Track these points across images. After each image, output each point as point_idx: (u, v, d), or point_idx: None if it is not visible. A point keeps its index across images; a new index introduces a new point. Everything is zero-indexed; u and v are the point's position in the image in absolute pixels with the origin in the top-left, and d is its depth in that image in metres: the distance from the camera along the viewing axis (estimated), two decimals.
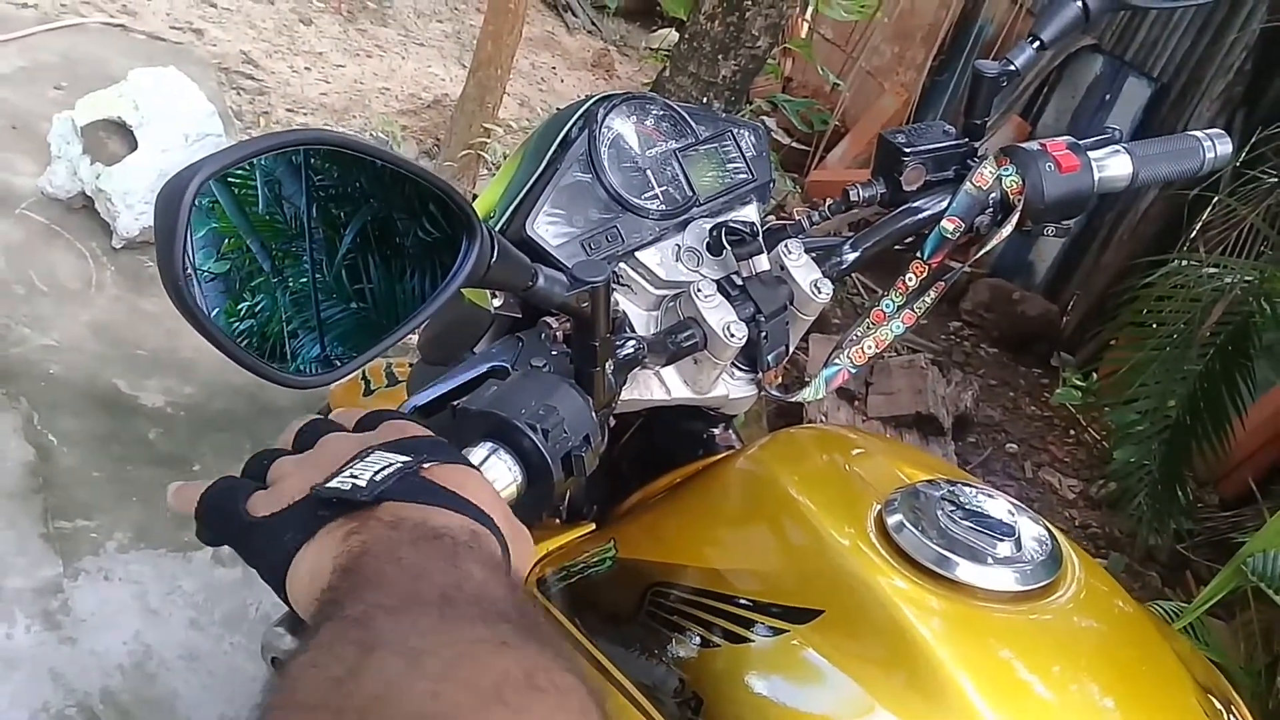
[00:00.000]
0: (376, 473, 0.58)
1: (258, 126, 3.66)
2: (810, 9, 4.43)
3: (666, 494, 0.98)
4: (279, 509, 0.59)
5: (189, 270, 0.58)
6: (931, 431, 3.10)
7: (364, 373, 1.52)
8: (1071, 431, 3.59)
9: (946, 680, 0.69)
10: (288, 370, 0.65)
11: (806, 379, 1.03)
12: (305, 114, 3.83)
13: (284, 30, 4.35)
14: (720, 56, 2.91)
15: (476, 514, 0.58)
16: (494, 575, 0.52)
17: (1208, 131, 1.09)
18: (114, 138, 2.84)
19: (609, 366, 0.81)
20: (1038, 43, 1.04)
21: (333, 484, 0.58)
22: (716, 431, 1.06)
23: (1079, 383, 3.59)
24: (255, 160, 0.60)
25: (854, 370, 1.03)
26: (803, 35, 4.80)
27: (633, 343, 0.86)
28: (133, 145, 2.82)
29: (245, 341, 0.63)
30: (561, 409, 0.72)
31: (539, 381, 0.75)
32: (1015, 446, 3.42)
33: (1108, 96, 4.20)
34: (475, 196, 3.18)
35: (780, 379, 1.00)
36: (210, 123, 2.96)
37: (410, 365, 1.54)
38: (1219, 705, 0.81)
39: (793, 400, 1.01)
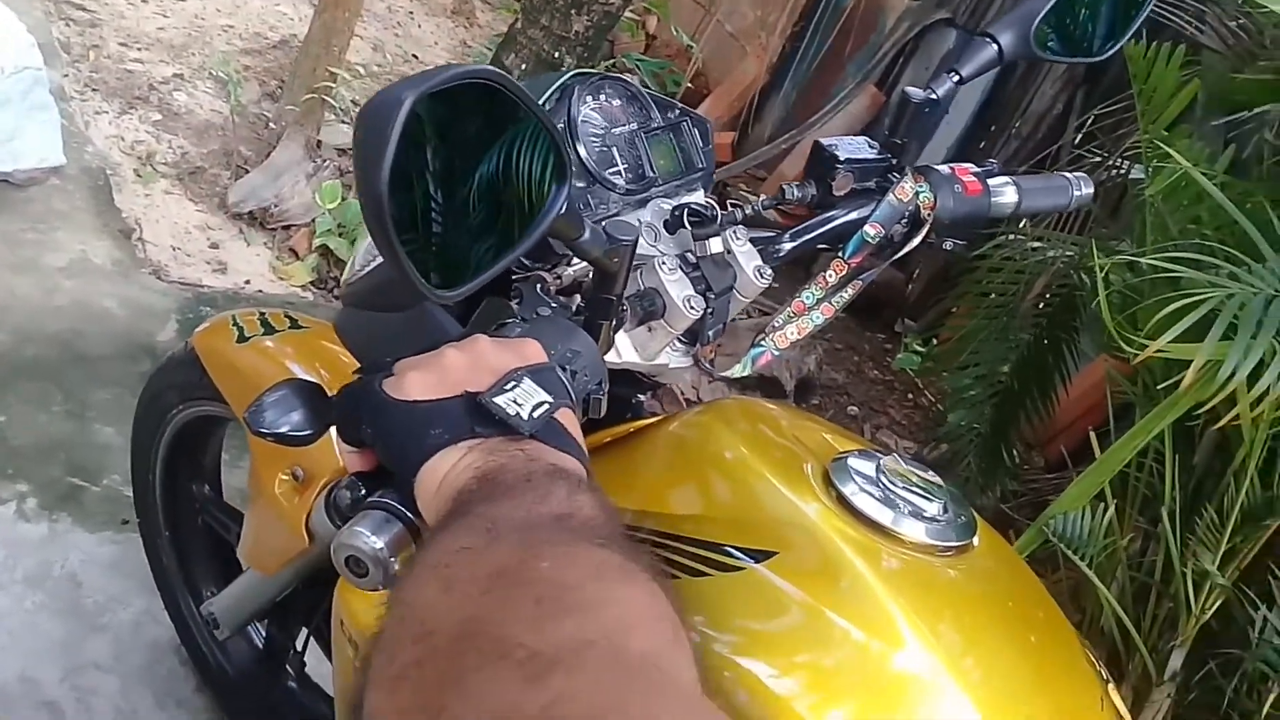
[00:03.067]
0: (534, 409, 0.66)
1: (86, 60, 3.46)
2: None
3: (604, 450, 1.05)
4: (430, 397, 0.67)
5: (388, 184, 0.61)
6: (774, 393, 3.15)
7: (235, 319, 1.51)
8: (910, 395, 3.70)
9: (884, 613, 0.83)
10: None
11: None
12: (140, 49, 3.63)
13: None
14: (573, 11, 2.86)
15: (583, 458, 0.68)
16: (602, 511, 0.61)
17: (1077, 175, 1.24)
18: None
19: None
20: (957, 77, 1.16)
21: (498, 401, 0.66)
22: (644, 398, 1.16)
23: (919, 348, 3.69)
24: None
25: (777, 353, 1.13)
26: None
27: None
28: None
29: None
30: (584, 353, 0.80)
31: (560, 327, 0.83)
32: (856, 409, 3.51)
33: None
34: (320, 143, 3.04)
35: (714, 354, 1.09)
36: (29, 55, 2.79)
37: (286, 316, 1.50)
38: (1093, 657, 0.99)
39: (722, 376, 1.11)
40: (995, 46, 1.16)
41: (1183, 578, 1.85)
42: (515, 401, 0.66)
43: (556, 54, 2.92)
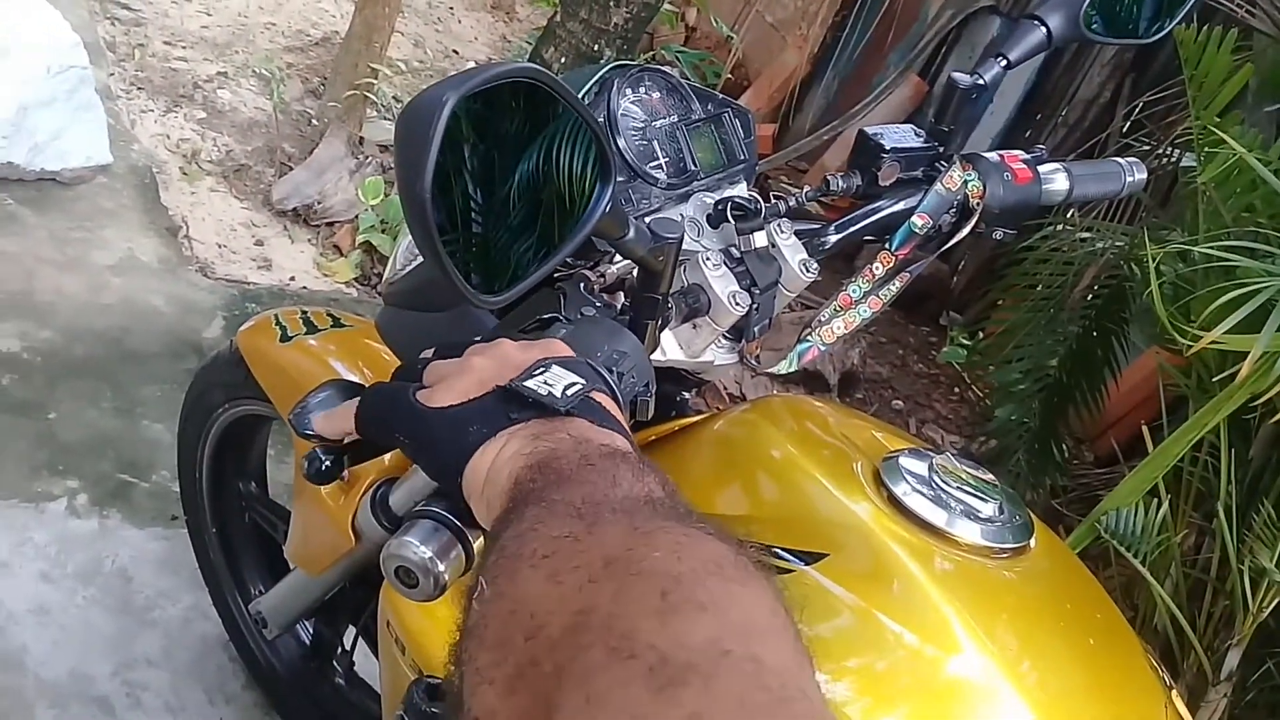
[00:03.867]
0: (567, 387, 0.63)
1: (132, 59, 3.50)
2: None
3: (648, 449, 1.03)
4: (460, 401, 0.65)
5: (430, 186, 0.61)
6: (818, 387, 3.13)
7: (278, 318, 1.51)
8: (956, 389, 3.65)
9: (938, 617, 0.81)
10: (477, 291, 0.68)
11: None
12: (184, 47, 3.66)
13: None
14: (612, 3, 2.85)
15: (629, 437, 0.64)
16: (670, 492, 0.57)
17: (1129, 160, 1.21)
18: None
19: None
20: (1005, 61, 1.13)
21: (528, 384, 0.63)
22: (688, 396, 1.14)
23: (965, 341, 3.65)
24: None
25: (824, 348, 1.12)
26: None
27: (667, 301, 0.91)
28: None
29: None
30: (630, 354, 0.78)
31: (605, 328, 0.81)
32: (901, 403, 3.47)
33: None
34: (362, 139, 3.06)
35: (759, 349, 1.06)
36: (75, 54, 2.81)
37: (328, 314, 1.51)
38: (1156, 662, 0.97)
39: (767, 371, 1.09)
40: (1044, 29, 1.13)
41: (1239, 575, 1.81)
42: (546, 383, 0.64)
43: (595, 47, 2.91)
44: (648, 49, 4.25)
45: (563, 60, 2.94)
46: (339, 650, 1.62)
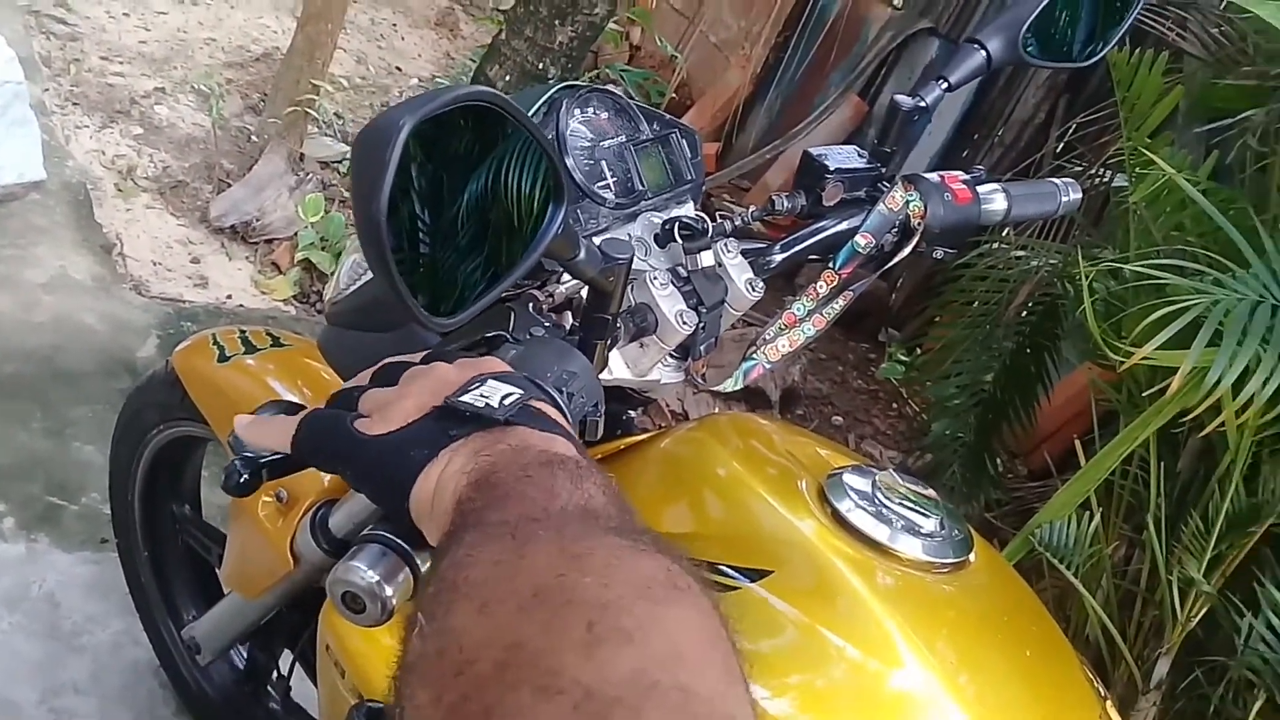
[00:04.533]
0: (504, 398, 0.63)
1: (67, 74, 3.43)
2: None
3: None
4: (398, 426, 0.64)
5: (386, 210, 0.60)
6: (759, 404, 3.15)
7: (215, 338, 1.48)
8: (894, 405, 3.69)
9: (881, 632, 0.83)
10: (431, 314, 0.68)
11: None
12: (121, 62, 3.61)
13: None
14: (557, 22, 2.86)
15: (571, 438, 0.64)
16: (611, 497, 0.57)
17: (1065, 180, 1.24)
18: None
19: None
20: (946, 84, 1.15)
21: (465, 399, 0.63)
22: (634, 414, 1.15)
23: (903, 358, 3.69)
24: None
25: (769, 366, 1.13)
26: (650, 4, 4.78)
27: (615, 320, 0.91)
28: None
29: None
30: (580, 374, 0.78)
31: (554, 348, 0.81)
32: (841, 419, 3.50)
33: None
34: (303, 156, 3.03)
35: (705, 368, 1.08)
36: (9, 69, 2.76)
37: (267, 334, 1.48)
38: (1090, 673, 1.00)
39: (713, 389, 1.11)
40: (983, 53, 1.16)
41: (1168, 585, 1.85)
42: (483, 395, 0.63)
43: (540, 65, 2.92)
44: (592, 67, 4.26)
45: (508, 78, 2.94)
46: (274, 675, 1.59)
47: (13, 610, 1.86)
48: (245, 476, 0.78)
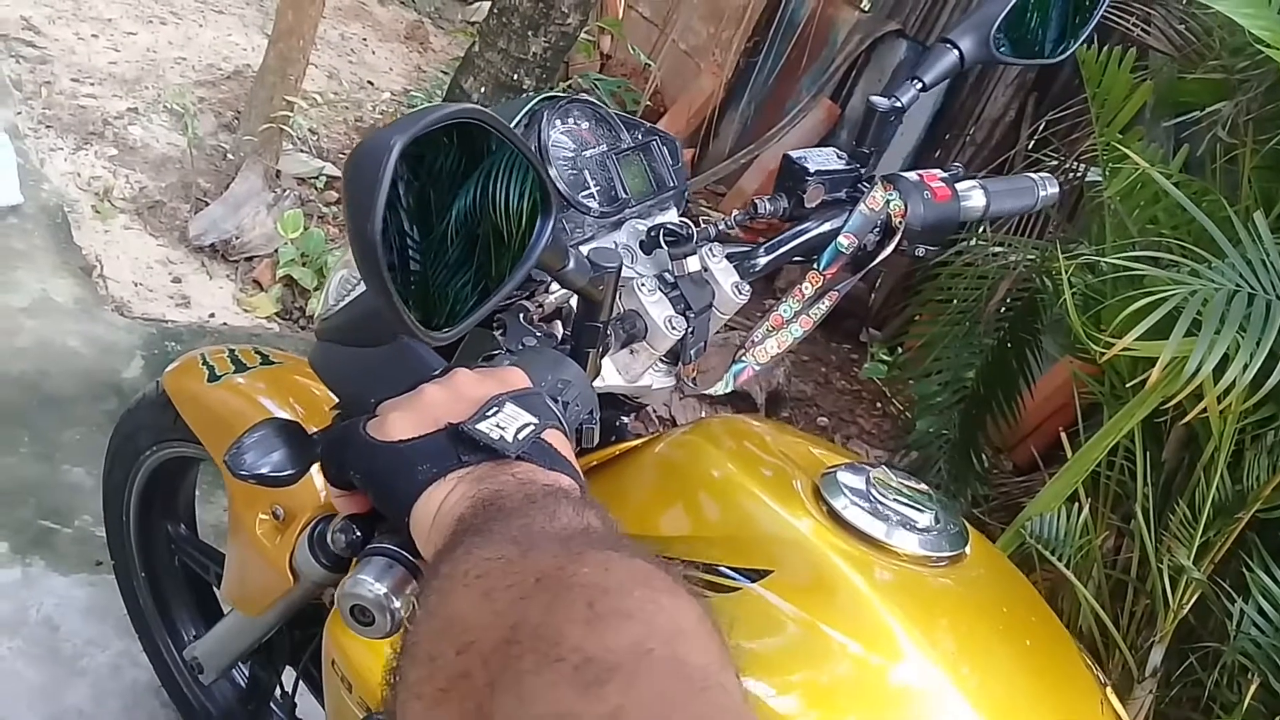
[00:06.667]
0: (518, 431, 0.64)
1: (39, 97, 3.42)
2: None
3: (590, 474, 1.04)
4: (413, 435, 0.65)
5: (380, 229, 0.61)
6: (745, 407, 3.16)
7: (204, 358, 1.48)
8: (878, 404, 3.72)
9: (881, 626, 0.83)
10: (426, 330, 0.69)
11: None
12: (92, 84, 3.59)
13: None
14: (530, 33, 2.88)
15: (578, 478, 0.66)
16: (610, 527, 0.59)
17: (1042, 175, 1.25)
18: None
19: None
20: (920, 84, 1.17)
21: (480, 427, 0.63)
22: (627, 420, 1.15)
23: (885, 357, 3.72)
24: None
25: (758, 368, 1.14)
26: (620, 13, 4.80)
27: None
28: None
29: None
30: (574, 383, 0.79)
31: (547, 357, 0.82)
32: (826, 420, 3.53)
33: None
34: (279, 173, 3.03)
35: (695, 372, 1.08)
36: None
37: (256, 352, 1.48)
38: (1091, 662, 1.01)
39: (703, 393, 1.10)
40: (956, 52, 1.17)
41: (1159, 573, 1.87)
42: (498, 425, 0.64)
43: (515, 76, 2.93)
44: (565, 77, 4.27)
45: (482, 90, 2.95)
46: (277, 692, 1.59)
47: (12, 635, 1.85)
48: (357, 534, 0.75)
